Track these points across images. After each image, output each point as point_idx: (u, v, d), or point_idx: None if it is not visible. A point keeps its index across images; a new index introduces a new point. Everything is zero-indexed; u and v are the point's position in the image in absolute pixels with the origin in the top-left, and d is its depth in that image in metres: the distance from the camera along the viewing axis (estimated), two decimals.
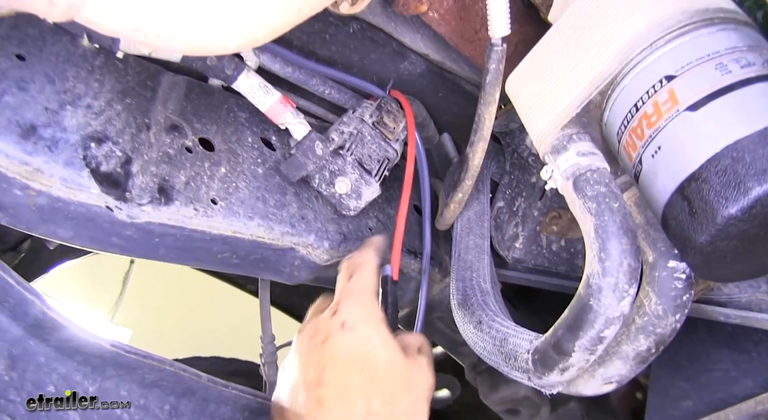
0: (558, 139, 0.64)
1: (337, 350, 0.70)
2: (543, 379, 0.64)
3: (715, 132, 0.52)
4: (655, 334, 0.63)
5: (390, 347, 0.72)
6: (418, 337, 0.79)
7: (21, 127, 0.70)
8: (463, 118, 1.14)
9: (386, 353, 0.71)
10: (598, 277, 0.57)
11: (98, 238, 0.76)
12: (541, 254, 0.98)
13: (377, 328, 0.73)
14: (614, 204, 0.58)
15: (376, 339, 0.72)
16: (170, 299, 3.35)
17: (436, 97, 1.12)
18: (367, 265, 0.80)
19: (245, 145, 0.90)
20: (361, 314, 0.73)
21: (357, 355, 0.70)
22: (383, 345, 0.71)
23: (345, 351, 0.70)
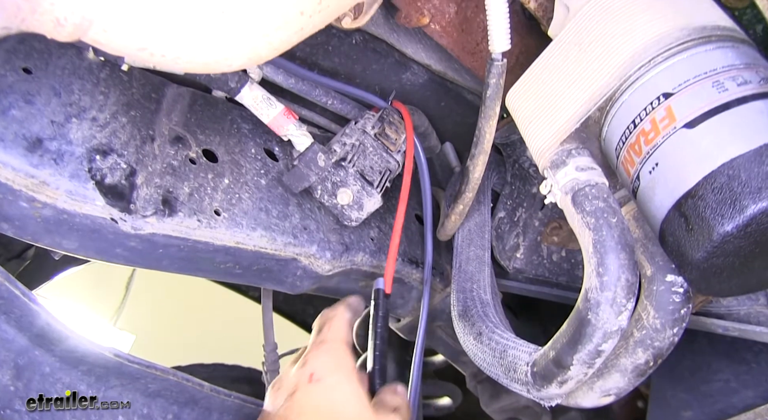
0: (557, 154, 0.64)
1: (304, 403, 0.69)
2: (542, 392, 0.65)
3: (712, 150, 0.52)
4: (653, 347, 0.63)
5: (359, 401, 0.70)
6: (397, 399, 0.75)
7: (27, 140, 0.71)
8: (465, 127, 1.14)
9: (354, 408, 0.70)
10: (596, 291, 0.58)
11: (103, 249, 0.76)
12: (541, 264, 0.99)
13: (346, 380, 0.71)
14: (612, 219, 0.59)
15: (344, 391, 0.70)
16: (173, 304, 3.35)
17: (438, 107, 1.13)
18: (338, 317, 0.80)
19: (248, 156, 0.91)
20: (330, 364, 0.72)
21: (324, 409, 0.69)
22: (352, 398, 0.70)
23: (312, 404, 0.69)
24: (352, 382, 0.71)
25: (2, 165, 0.69)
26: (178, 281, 2.74)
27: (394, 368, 1.22)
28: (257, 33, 0.50)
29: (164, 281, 3.06)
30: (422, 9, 0.89)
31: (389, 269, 0.86)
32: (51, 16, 0.43)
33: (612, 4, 0.63)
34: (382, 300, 0.83)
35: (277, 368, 1.14)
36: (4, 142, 0.69)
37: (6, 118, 0.70)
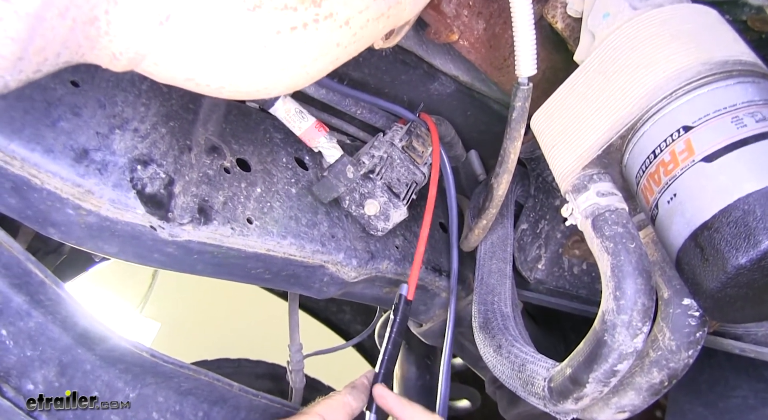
0: (579, 178, 0.67)
1: None
2: (558, 407, 0.67)
3: (729, 184, 0.54)
4: (668, 368, 0.65)
5: None
6: None
7: (75, 151, 0.74)
8: (490, 135, 1.17)
9: None
10: (613, 314, 0.60)
11: (142, 254, 0.80)
12: (562, 277, 1.01)
13: None
14: (631, 245, 0.61)
15: None
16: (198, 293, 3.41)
17: (465, 116, 1.16)
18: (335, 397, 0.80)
19: (280, 165, 0.94)
20: None
21: None
22: None
23: None
24: None
25: (52, 174, 0.72)
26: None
27: (415, 371, 1.26)
28: (296, 64, 0.53)
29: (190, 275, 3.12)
30: (451, 26, 0.92)
31: (413, 277, 0.89)
32: (108, 51, 0.47)
33: (637, 34, 0.65)
34: (402, 306, 0.86)
35: (301, 368, 1.18)
36: (54, 153, 0.73)
37: (55, 130, 0.74)
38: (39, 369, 0.71)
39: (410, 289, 0.87)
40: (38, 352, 0.72)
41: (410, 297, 0.87)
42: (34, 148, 0.72)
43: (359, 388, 0.83)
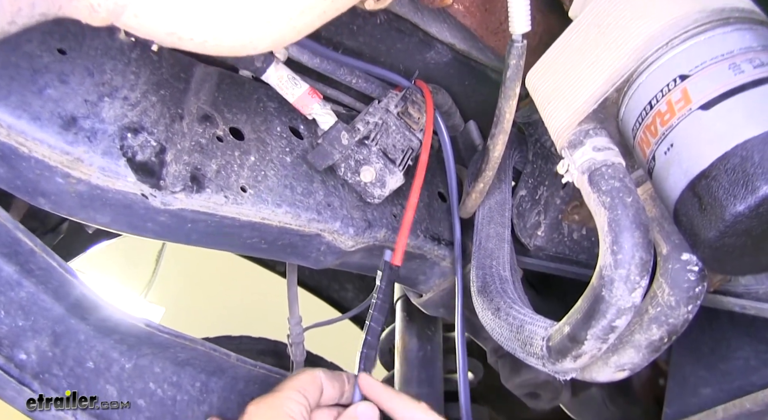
0: (575, 133, 0.65)
1: None
2: (557, 366, 0.67)
3: (726, 131, 0.53)
4: (668, 324, 0.64)
5: None
6: None
7: (62, 118, 0.73)
8: (488, 106, 1.15)
9: None
10: (611, 268, 0.59)
11: (134, 223, 0.79)
12: (562, 242, 1.00)
13: None
14: (627, 198, 0.60)
15: None
16: (202, 278, 3.43)
17: (462, 86, 1.14)
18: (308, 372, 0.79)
19: (274, 134, 0.93)
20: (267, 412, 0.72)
21: None
22: None
23: None
24: None
25: (39, 142, 0.71)
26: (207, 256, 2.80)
27: (416, 343, 1.25)
28: (281, 17, 0.52)
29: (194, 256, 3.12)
30: None
31: (401, 241, 0.88)
32: (86, 2, 0.46)
33: None
34: (387, 271, 0.85)
35: (301, 341, 1.17)
36: (40, 121, 0.72)
37: (42, 97, 0.73)
38: (32, 339, 0.71)
39: (396, 253, 0.86)
40: (30, 322, 0.71)
41: (396, 262, 0.86)
42: (21, 115, 0.71)
43: (335, 374, 0.82)
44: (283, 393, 0.74)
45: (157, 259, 3.62)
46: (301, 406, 0.73)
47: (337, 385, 0.80)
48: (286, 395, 0.73)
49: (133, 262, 3.52)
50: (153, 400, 0.80)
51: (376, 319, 0.83)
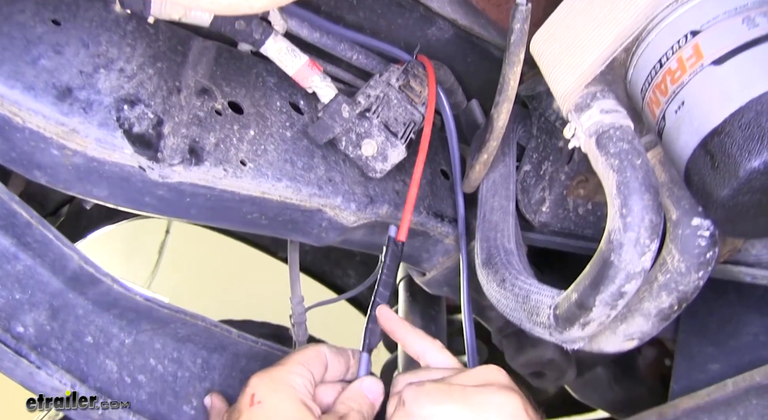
0: (582, 97, 0.64)
1: None
2: (564, 334, 0.65)
3: (740, 86, 0.52)
4: (678, 291, 0.63)
5: (303, 418, 0.68)
6: (345, 405, 0.73)
7: (57, 89, 0.72)
8: (491, 84, 1.13)
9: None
10: (619, 232, 0.58)
11: (132, 197, 0.78)
12: (567, 218, 0.98)
13: (288, 399, 0.69)
14: (636, 160, 0.58)
15: (285, 411, 0.68)
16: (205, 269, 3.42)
17: (465, 63, 1.12)
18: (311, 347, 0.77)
19: (273, 109, 0.91)
20: (271, 385, 0.70)
21: None
22: (294, 416, 0.68)
23: None
24: (293, 400, 0.69)
25: (33, 113, 0.70)
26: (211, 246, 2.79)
27: (419, 323, 1.24)
28: None
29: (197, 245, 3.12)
30: None
31: (406, 216, 0.86)
32: None
33: None
34: (391, 247, 0.84)
35: (303, 320, 1.16)
36: (34, 91, 0.70)
37: (36, 67, 0.72)
38: (29, 312, 0.69)
39: (401, 229, 0.85)
40: (27, 295, 0.70)
41: (401, 238, 0.85)
42: (14, 85, 0.69)
43: (340, 350, 0.80)
44: (286, 366, 0.72)
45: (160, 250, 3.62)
46: (305, 379, 0.72)
47: (342, 360, 0.78)
48: (290, 369, 0.72)
49: (137, 253, 3.51)
50: (154, 376, 0.78)
51: (382, 294, 0.81)
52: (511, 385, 0.66)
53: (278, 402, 0.68)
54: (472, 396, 0.64)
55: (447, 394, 0.65)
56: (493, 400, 0.63)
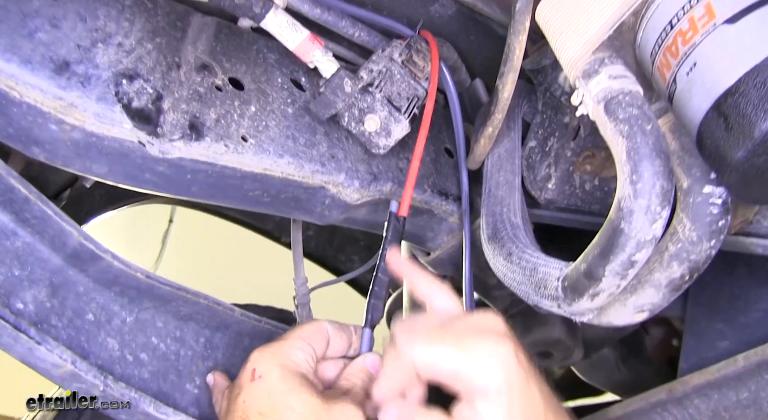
0: (589, 63, 0.62)
1: (248, 405, 0.66)
2: (573, 306, 0.64)
3: (754, 44, 0.50)
4: (689, 260, 0.62)
5: (304, 392, 0.66)
6: (348, 381, 0.72)
7: (54, 63, 0.71)
8: (495, 63, 1.12)
9: (300, 400, 0.66)
10: (630, 199, 0.56)
11: (132, 174, 0.77)
12: (574, 194, 0.97)
13: (289, 373, 0.68)
14: (647, 126, 0.57)
15: (287, 385, 0.67)
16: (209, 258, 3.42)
17: (468, 41, 1.11)
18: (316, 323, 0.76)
19: (275, 86, 0.90)
20: (271, 359, 0.69)
21: (267, 410, 0.65)
22: (296, 391, 0.66)
23: (255, 405, 0.66)
24: (294, 375, 0.68)
25: (30, 87, 0.69)
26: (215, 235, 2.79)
27: None
28: None
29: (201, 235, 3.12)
30: None
31: (407, 191, 0.85)
32: None
33: None
34: (393, 222, 0.82)
35: (307, 302, 1.15)
36: (31, 64, 0.69)
37: (33, 41, 0.70)
38: (28, 289, 0.68)
39: (402, 204, 0.84)
40: (27, 272, 0.69)
41: (402, 213, 0.83)
42: (10, 59, 0.68)
43: (342, 326, 0.79)
44: (288, 341, 0.71)
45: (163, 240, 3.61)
46: (307, 354, 0.71)
47: (344, 336, 0.77)
48: (291, 343, 0.71)
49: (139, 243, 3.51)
50: (156, 354, 0.77)
51: (383, 269, 0.80)
52: (506, 331, 0.64)
53: (279, 376, 0.67)
54: (464, 340, 0.62)
55: (439, 336, 0.64)
56: (484, 345, 0.62)
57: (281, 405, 0.65)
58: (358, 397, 0.69)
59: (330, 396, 0.68)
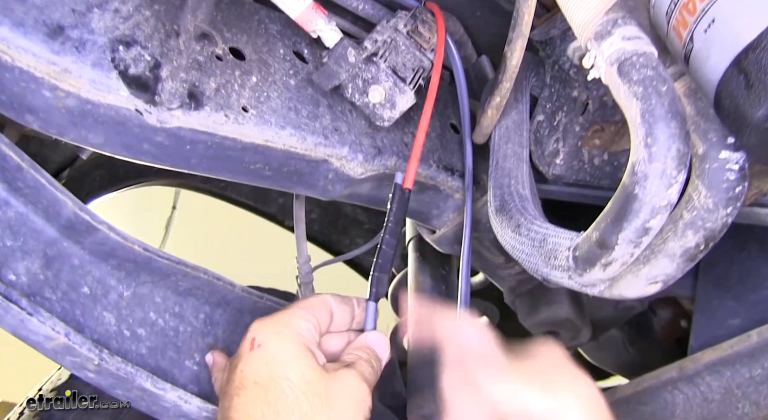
0: (602, 24, 0.60)
1: (245, 374, 0.64)
2: (584, 277, 0.62)
3: None
4: (705, 228, 0.59)
5: (302, 362, 0.65)
6: (353, 355, 0.71)
7: (48, 26, 0.68)
8: (501, 40, 1.09)
9: (298, 369, 0.64)
10: (644, 163, 0.54)
11: (129, 144, 0.75)
12: (582, 169, 0.94)
13: (289, 342, 0.66)
14: (662, 87, 0.55)
15: (286, 354, 0.65)
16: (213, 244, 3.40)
17: (474, 17, 1.08)
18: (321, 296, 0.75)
19: (277, 57, 0.88)
20: (272, 328, 0.67)
21: (264, 379, 0.64)
22: (295, 361, 0.65)
23: (252, 375, 0.64)
24: (295, 343, 0.66)
25: (23, 51, 0.67)
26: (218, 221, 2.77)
27: (429, 283, 1.21)
28: None
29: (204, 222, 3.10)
30: None
31: (412, 162, 0.82)
32: None
33: None
34: (398, 194, 0.80)
35: (310, 280, 1.13)
36: (24, 27, 0.67)
37: (25, 4, 0.68)
38: (21, 260, 0.66)
39: (408, 175, 0.81)
40: (20, 242, 0.67)
41: (407, 185, 0.81)
42: (2, 21, 0.66)
43: (345, 298, 0.77)
44: (289, 311, 0.69)
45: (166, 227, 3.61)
46: (310, 324, 0.69)
47: (347, 309, 0.76)
48: (293, 313, 0.69)
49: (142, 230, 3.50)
50: (154, 330, 0.76)
51: (388, 242, 0.78)
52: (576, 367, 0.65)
53: (279, 344, 0.66)
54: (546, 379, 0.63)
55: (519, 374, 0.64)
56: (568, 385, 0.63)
57: (278, 374, 0.63)
58: (362, 369, 0.67)
59: (332, 368, 0.66)
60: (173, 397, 0.72)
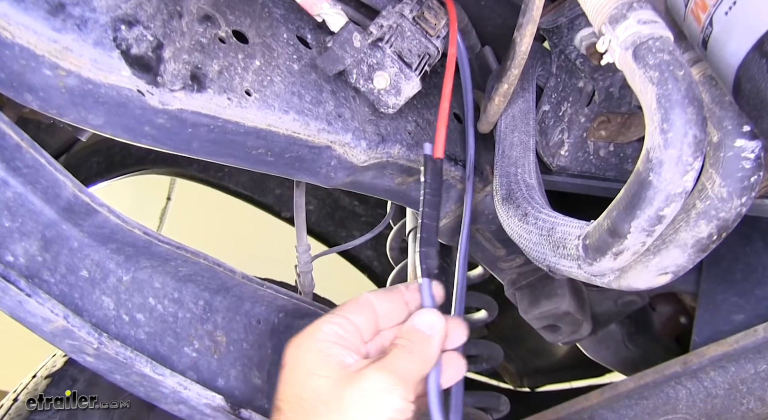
0: (617, 7, 0.58)
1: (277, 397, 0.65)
2: (594, 266, 0.61)
3: None
4: (718, 218, 0.58)
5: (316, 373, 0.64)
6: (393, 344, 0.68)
7: (49, 3, 0.67)
8: (506, 30, 1.08)
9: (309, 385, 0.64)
10: (660, 150, 0.53)
11: (130, 125, 0.73)
12: (587, 161, 0.93)
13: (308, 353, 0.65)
14: (679, 72, 0.53)
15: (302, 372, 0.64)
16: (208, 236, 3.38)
17: (479, 6, 1.07)
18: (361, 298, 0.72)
19: (280, 41, 0.86)
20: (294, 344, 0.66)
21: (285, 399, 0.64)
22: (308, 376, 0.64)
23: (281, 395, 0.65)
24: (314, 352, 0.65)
25: (24, 28, 0.65)
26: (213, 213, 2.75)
27: None
28: None
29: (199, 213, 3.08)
30: None
31: (440, 131, 0.80)
32: None
33: None
34: (430, 164, 0.78)
35: (310, 270, 1.12)
36: (24, 4, 0.65)
37: None
38: (19, 241, 0.65)
39: (437, 145, 0.79)
40: (18, 224, 0.65)
41: (438, 154, 0.79)
42: None
43: (388, 290, 0.74)
44: (321, 318, 0.67)
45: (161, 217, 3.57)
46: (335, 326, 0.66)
47: (394, 299, 0.72)
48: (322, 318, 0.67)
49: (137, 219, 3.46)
50: (153, 315, 0.74)
51: (428, 215, 0.75)
52: None
53: (297, 357, 0.65)
54: None
55: None
56: None
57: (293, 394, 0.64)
58: (395, 362, 0.64)
59: (356, 366, 0.64)
60: (172, 383, 0.71)
